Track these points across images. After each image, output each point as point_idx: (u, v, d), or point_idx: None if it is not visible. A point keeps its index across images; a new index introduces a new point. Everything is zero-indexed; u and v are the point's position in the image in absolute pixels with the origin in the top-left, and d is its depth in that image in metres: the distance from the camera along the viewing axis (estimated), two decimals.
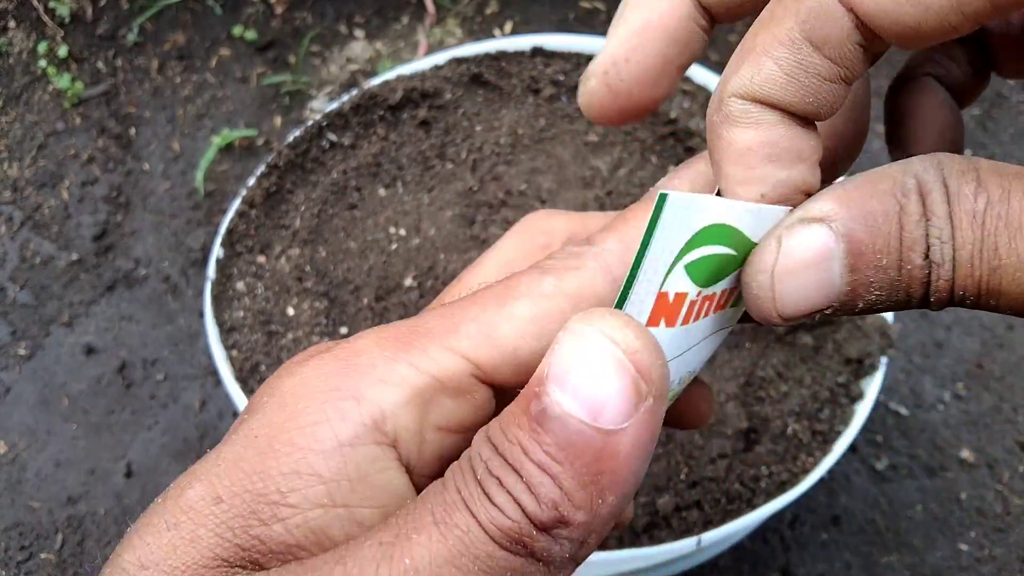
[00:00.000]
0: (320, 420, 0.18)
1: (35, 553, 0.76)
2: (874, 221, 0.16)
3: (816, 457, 0.58)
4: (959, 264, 0.15)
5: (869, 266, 0.16)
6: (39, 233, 0.91)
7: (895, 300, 0.16)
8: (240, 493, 0.18)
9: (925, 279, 0.16)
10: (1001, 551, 0.72)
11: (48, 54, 0.99)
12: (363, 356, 0.19)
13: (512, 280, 0.20)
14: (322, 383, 0.19)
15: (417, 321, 0.20)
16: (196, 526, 0.18)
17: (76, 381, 0.84)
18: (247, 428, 0.19)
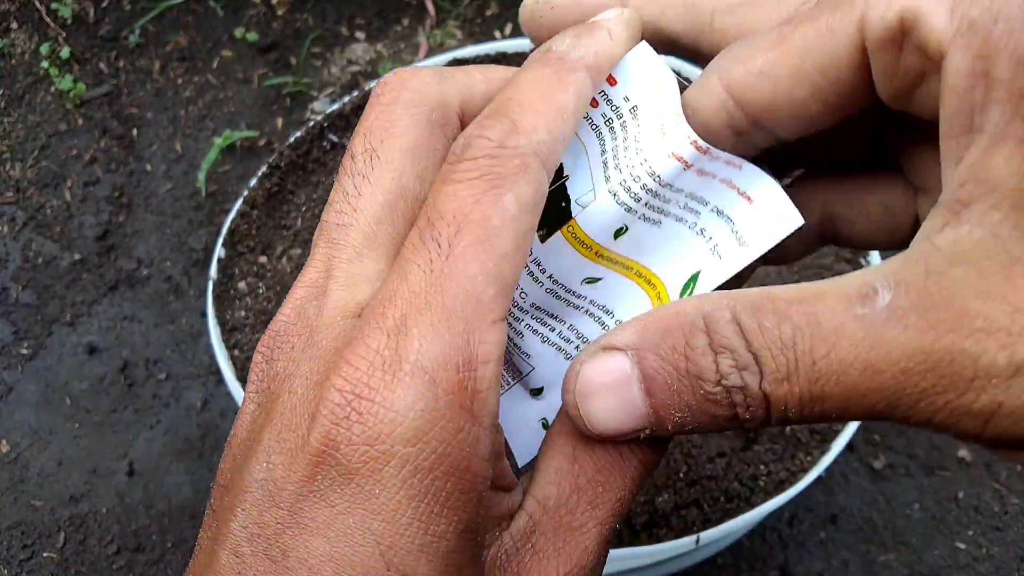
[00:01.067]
0: None
1: (37, 552, 0.76)
2: (664, 352, 0.18)
3: (814, 456, 0.58)
4: (772, 385, 0.17)
5: (664, 392, 0.18)
6: (42, 233, 0.91)
7: (702, 422, 0.18)
8: None
9: (727, 402, 0.17)
10: (998, 550, 0.72)
11: (50, 55, 0.99)
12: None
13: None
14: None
15: None
16: None
17: (78, 380, 0.84)
18: None
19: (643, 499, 0.57)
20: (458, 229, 0.18)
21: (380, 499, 0.17)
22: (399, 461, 0.16)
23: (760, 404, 0.17)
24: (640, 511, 0.56)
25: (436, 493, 0.17)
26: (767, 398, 0.17)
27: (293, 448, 0.18)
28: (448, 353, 0.17)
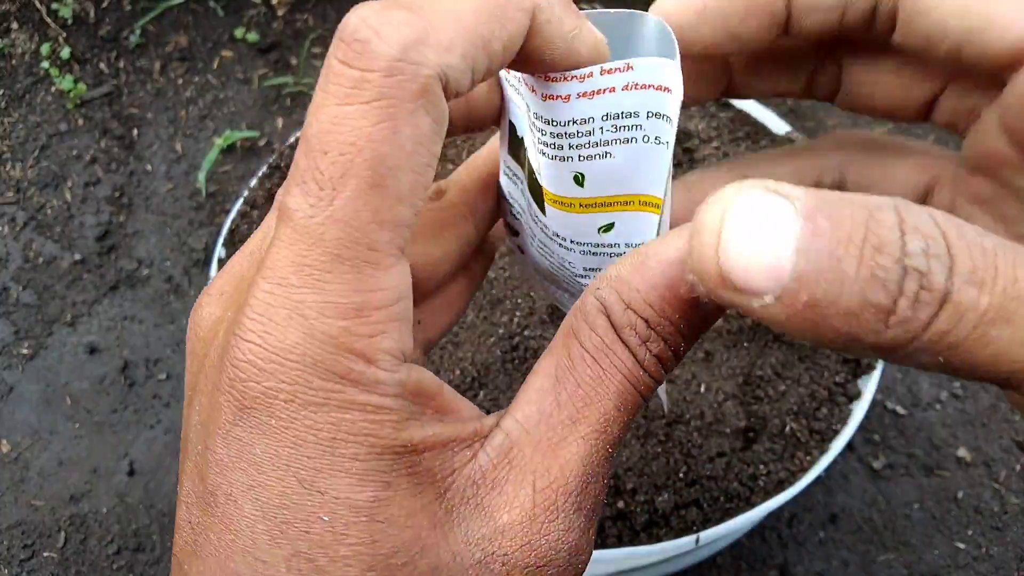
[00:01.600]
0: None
1: (38, 552, 0.76)
2: (839, 214, 0.14)
3: (814, 456, 0.58)
4: (962, 285, 0.14)
5: (823, 256, 0.14)
6: (42, 233, 0.92)
7: (843, 309, 0.14)
8: None
9: (895, 288, 0.14)
10: (998, 549, 0.72)
11: (51, 55, 0.99)
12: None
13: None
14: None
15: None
16: None
17: (79, 380, 0.84)
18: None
19: (643, 499, 0.57)
20: (345, 170, 0.16)
21: (279, 430, 0.17)
22: (287, 395, 0.17)
23: (934, 304, 0.14)
24: (640, 511, 0.56)
25: (335, 422, 0.17)
26: (946, 299, 0.14)
27: (211, 391, 0.18)
28: (329, 300, 0.17)
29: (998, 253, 0.14)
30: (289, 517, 0.17)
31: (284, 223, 0.17)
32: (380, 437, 0.17)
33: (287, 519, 0.17)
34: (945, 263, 0.14)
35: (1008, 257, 0.14)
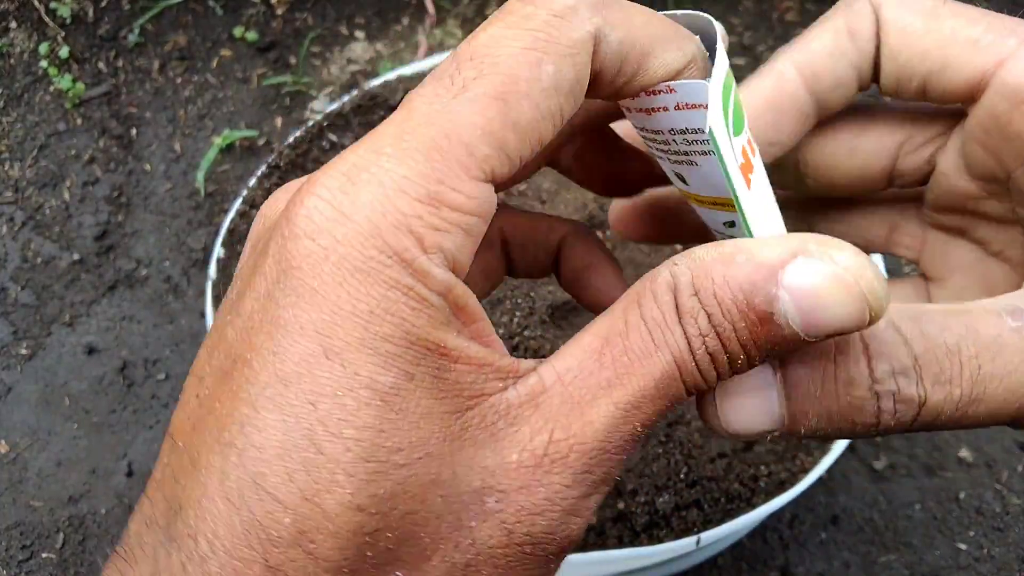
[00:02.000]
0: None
1: (36, 552, 0.76)
2: (810, 359, 0.18)
3: (815, 456, 0.58)
4: (932, 387, 0.17)
5: (805, 398, 0.18)
6: (40, 233, 0.91)
7: (837, 427, 0.18)
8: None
9: (873, 408, 0.17)
10: (1000, 550, 0.72)
11: (49, 55, 0.99)
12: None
13: None
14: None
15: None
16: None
17: (77, 381, 0.84)
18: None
19: (644, 500, 0.57)
20: (479, 73, 0.17)
21: (319, 293, 0.17)
22: (339, 258, 0.17)
23: (912, 407, 0.17)
24: (640, 512, 0.56)
25: (378, 298, 0.17)
26: (923, 402, 0.17)
27: (256, 256, 0.18)
28: (411, 178, 0.17)
29: (960, 348, 0.17)
30: (303, 388, 0.17)
31: (402, 107, 0.18)
32: (416, 326, 0.17)
33: (299, 389, 0.17)
34: (913, 376, 0.17)
35: (970, 349, 0.17)
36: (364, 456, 0.17)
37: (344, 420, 0.17)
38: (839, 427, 0.18)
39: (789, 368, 0.18)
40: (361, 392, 0.17)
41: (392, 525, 0.17)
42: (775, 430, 0.18)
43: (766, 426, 0.18)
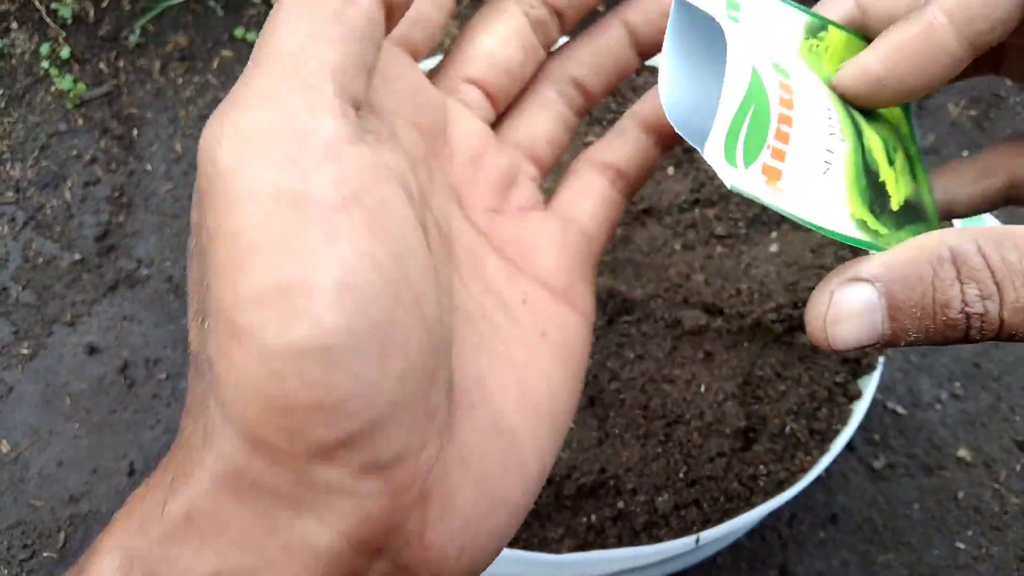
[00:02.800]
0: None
1: (37, 552, 0.76)
2: (911, 283, 0.20)
3: (814, 456, 0.58)
4: (1010, 313, 0.20)
5: (906, 317, 0.20)
6: (41, 233, 0.92)
7: (933, 340, 0.21)
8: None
9: (964, 327, 0.20)
10: (998, 549, 0.73)
11: (50, 55, 0.99)
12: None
13: None
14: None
15: None
16: None
17: (78, 380, 0.84)
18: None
19: (642, 499, 0.57)
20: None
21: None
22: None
23: (994, 328, 0.20)
24: (639, 511, 0.56)
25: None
26: (1003, 324, 0.20)
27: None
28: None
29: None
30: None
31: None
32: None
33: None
34: (996, 301, 0.20)
35: None
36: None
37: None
38: (933, 340, 0.21)
39: (893, 292, 0.21)
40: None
41: None
42: (876, 344, 0.21)
43: (869, 342, 0.21)
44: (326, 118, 0.19)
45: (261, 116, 0.19)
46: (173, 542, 0.19)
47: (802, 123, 0.23)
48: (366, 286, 0.18)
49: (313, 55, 0.19)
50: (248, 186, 0.18)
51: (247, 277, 0.18)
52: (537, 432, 0.24)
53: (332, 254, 0.18)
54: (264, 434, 0.19)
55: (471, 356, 0.24)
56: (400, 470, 0.20)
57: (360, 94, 0.20)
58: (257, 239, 0.18)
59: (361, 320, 0.18)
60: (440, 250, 0.23)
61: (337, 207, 0.18)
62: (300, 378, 0.18)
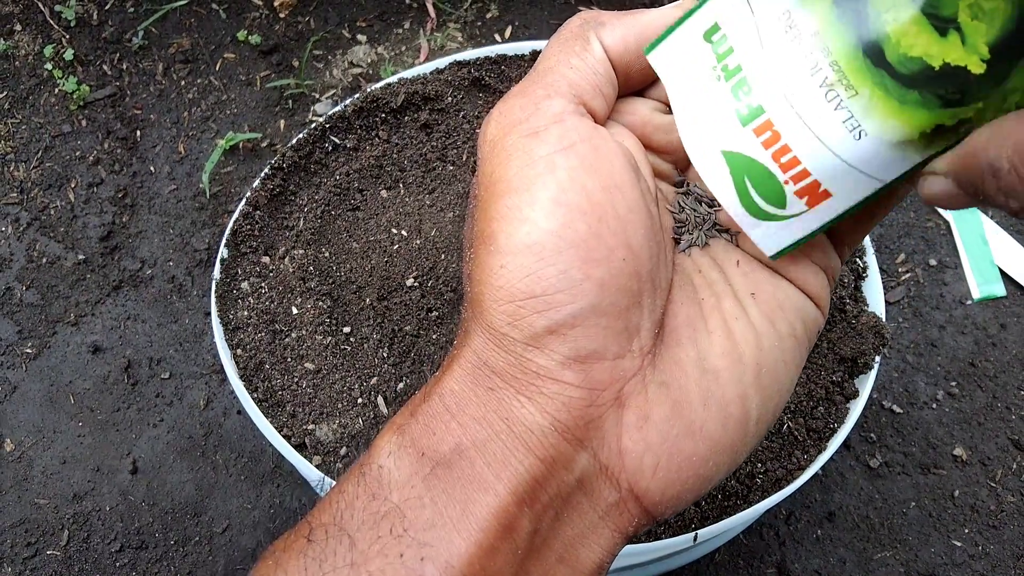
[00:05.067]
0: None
1: (41, 550, 0.76)
2: (973, 168, 0.22)
3: (811, 454, 0.59)
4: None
5: (968, 187, 0.22)
6: (46, 234, 0.92)
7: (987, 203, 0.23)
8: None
9: (1008, 201, 0.22)
10: (994, 547, 0.73)
11: (54, 57, 1.00)
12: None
13: None
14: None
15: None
16: None
17: (82, 380, 0.85)
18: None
19: None
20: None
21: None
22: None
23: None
24: None
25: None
26: None
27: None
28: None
29: None
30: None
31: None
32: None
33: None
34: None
35: None
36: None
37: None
38: (990, 203, 0.23)
39: (959, 178, 0.23)
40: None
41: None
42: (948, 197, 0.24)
43: (948, 204, 0.24)
44: (557, 100, 0.26)
45: (513, 102, 0.27)
46: (431, 418, 0.25)
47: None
48: (576, 205, 0.24)
49: (554, 71, 0.27)
50: (499, 144, 0.26)
51: (495, 201, 0.25)
52: (741, 377, 0.26)
53: (552, 180, 0.25)
54: (496, 322, 0.25)
55: (685, 302, 0.27)
56: (598, 368, 0.24)
57: (596, 106, 0.27)
58: (501, 175, 0.26)
59: (569, 229, 0.24)
60: (655, 208, 0.27)
61: (559, 151, 0.25)
62: (520, 270, 0.24)
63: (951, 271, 0.86)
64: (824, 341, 0.62)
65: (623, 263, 0.24)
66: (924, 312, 0.84)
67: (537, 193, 0.24)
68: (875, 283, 0.65)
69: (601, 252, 0.24)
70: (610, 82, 0.28)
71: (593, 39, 0.28)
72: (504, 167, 0.26)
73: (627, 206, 0.25)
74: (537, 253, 0.24)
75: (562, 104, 0.26)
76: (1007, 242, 0.86)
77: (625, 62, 0.28)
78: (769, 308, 0.28)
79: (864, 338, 0.61)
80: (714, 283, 0.28)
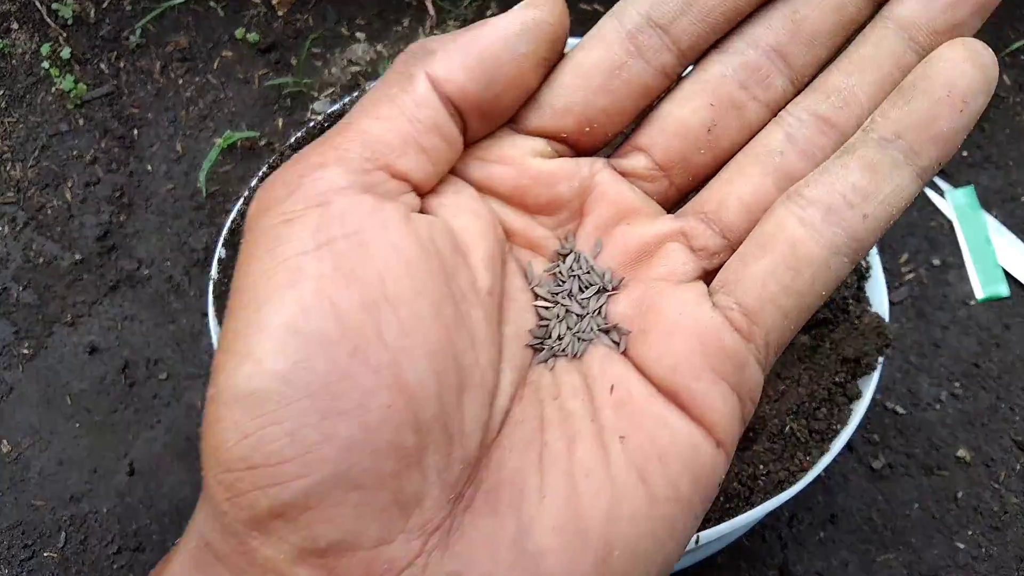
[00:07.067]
0: None
1: (38, 552, 0.76)
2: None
3: (813, 456, 0.58)
4: None
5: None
6: (42, 233, 0.92)
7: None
8: None
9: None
10: (998, 549, 0.73)
11: (51, 56, 0.99)
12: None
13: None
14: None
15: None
16: None
17: (79, 380, 0.84)
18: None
19: None
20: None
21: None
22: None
23: None
24: None
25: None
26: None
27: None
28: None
29: None
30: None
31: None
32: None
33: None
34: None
35: None
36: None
37: None
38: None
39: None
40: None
41: None
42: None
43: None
44: (331, 171, 0.20)
45: (282, 172, 0.20)
46: None
47: None
48: (318, 333, 0.17)
49: (353, 125, 0.21)
50: (251, 231, 0.19)
51: (229, 317, 0.19)
52: (575, 563, 0.18)
53: (292, 296, 0.18)
54: (215, 495, 0.18)
55: (520, 447, 0.20)
56: (347, 561, 0.17)
57: (409, 167, 0.21)
58: (241, 280, 0.19)
59: (305, 370, 0.17)
60: (481, 311, 0.21)
61: (310, 250, 0.18)
62: (236, 428, 0.17)
63: (954, 271, 0.85)
64: (827, 342, 0.62)
65: (388, 411, 0.18)
66: (927, 312, 0.84)
67: (269, 316, 0.18)
68: (878, 283, 0.65)
69: (351, 399, 0.17)
70: (439, 129, 0.21)
71: (418, 76, 0.21)
72: (246, 268, 0.19)
73: (403, 325, 0.18)
74: (258, 406, 0.17)
75: (337, 176, 0.20)
76: (1011, 242, 0.85)
77: (472, 93, 0.22)
78: (642, 458, 0.20)
79: (867, 338, 0.60)
80: (571, 417, 0.20)
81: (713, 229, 0.23)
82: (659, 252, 0.23)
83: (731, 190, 0.23)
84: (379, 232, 0.19)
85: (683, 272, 0.23)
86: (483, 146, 0.23)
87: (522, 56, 0.22)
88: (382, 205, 0.20)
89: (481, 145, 0.23)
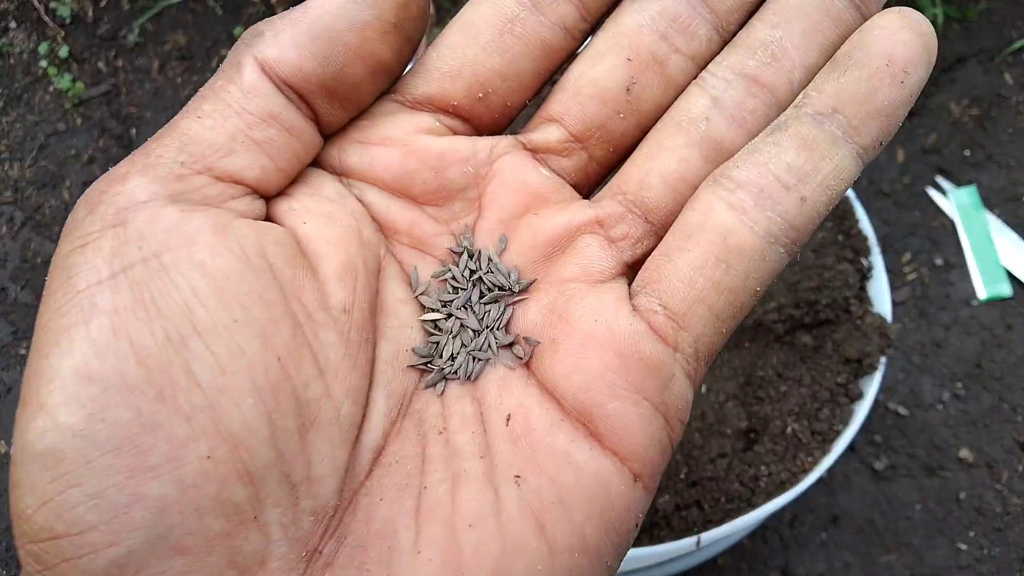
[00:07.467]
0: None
1: None
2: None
3: (815, 457, 0.58)
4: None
5: None
6: (40, 233, 0.91)
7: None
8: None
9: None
10: (1000, 550, 0.72)
11: (49, 55, 0.99)
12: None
13: None
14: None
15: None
16: None
17: None
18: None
19: None
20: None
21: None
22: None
23: None
24: None
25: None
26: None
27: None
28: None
29: None
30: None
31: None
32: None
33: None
34: None
35: None
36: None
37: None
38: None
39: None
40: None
41: None
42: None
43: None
44: (134, 182, 0.17)
45: (92, 186, 0.18)
46: None
47: None
48: (116, 377, 0.15)
49: (175, 126, 0.18)
50: (52, 264, 0.17)
51: (28, 363, 0.16)
52: None
53: (83, 335, 0.15)
54: (26, 565, 0.15)
55: (390, 490, 0.17)
56: None
57: (238, 166, 0.18)
58: (38, 322, 0.16)
59: (103, 422, 0.14)
60: (334, 333, 0.17)
61: (105, 280, 0.16)
62: (34, 493, 0.15)
63: (957, 271, 0.85)
64: (829, 343, 0.62)
65: (208, 463, 0.15)
66: (930, 312, 0.83)
67: (59, 361, 0.15)
68: (881, 283, 0.64)
69: (162, 452, 0.15)
70: (276, 119, 0.19)
71: (246, 62, 0.19)
72: (43, 304, 0.16)
73: (219, 360, 0.15)
74: (55, 466, 0.14)
75: (139, 188, 0.17)
76: (1013, 241, 0.85)
77: (310, 72, 0.19)
78: (540, 502, 0.16)
79: (869, 339, 0.60)
80: (458, 455, 0.17)
81: (634, 213, 0.20)
82: (572, 247, 0.20)
83: (652, 166, 0.20)
84: (183, 251, 0.16)
85: (600, 270, 0.20)
86: (362, 127, 0.20)
87: (363, 24, 0.19)
88: (189, 217, 0.17)
89: (359, 126, 0.20)
